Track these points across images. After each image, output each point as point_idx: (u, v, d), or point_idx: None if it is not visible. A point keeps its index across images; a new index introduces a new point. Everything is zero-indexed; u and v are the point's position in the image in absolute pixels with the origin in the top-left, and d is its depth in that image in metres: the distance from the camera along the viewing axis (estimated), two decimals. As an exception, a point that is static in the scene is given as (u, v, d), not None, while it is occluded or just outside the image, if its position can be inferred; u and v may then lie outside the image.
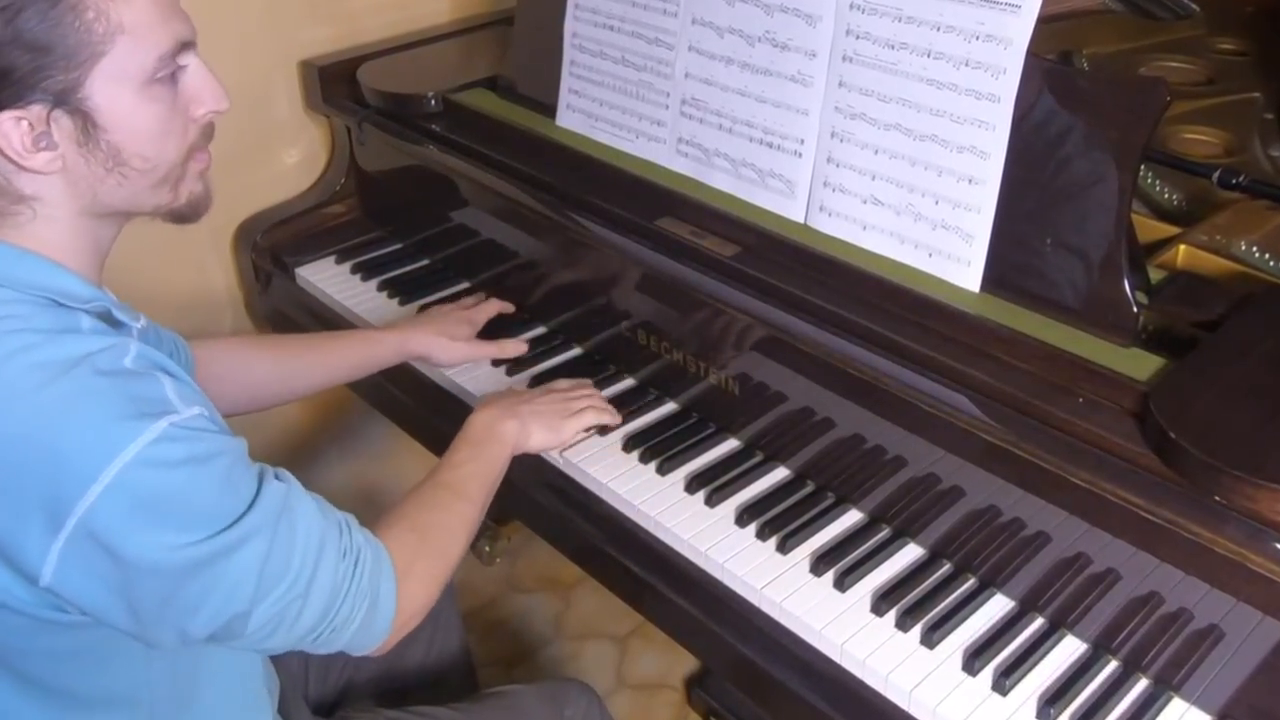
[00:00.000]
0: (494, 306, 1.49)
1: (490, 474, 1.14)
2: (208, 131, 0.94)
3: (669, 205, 1.32)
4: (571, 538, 1.27)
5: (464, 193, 1.53)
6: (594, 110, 1.46)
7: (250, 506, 0.85)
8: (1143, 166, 1.21)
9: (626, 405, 1.33)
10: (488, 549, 2.24)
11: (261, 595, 0.85)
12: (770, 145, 1.27)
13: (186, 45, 0.89)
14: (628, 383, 1.38)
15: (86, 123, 0.84)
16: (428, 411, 1.44)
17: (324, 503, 0.93)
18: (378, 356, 1.37)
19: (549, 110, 1.52)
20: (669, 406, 1.34)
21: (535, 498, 1.28)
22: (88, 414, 0.79)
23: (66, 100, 0.83)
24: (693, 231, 1.28)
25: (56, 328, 0.83)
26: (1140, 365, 1.00)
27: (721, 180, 1.33)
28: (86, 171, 0.86)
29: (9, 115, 0.82)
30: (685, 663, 1.97)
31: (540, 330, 1.49)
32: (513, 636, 2.09)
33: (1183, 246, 1.18)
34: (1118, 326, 1.03)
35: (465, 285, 1.60)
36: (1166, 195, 1.29)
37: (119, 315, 0.91)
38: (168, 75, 0.87)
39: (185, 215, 0.95)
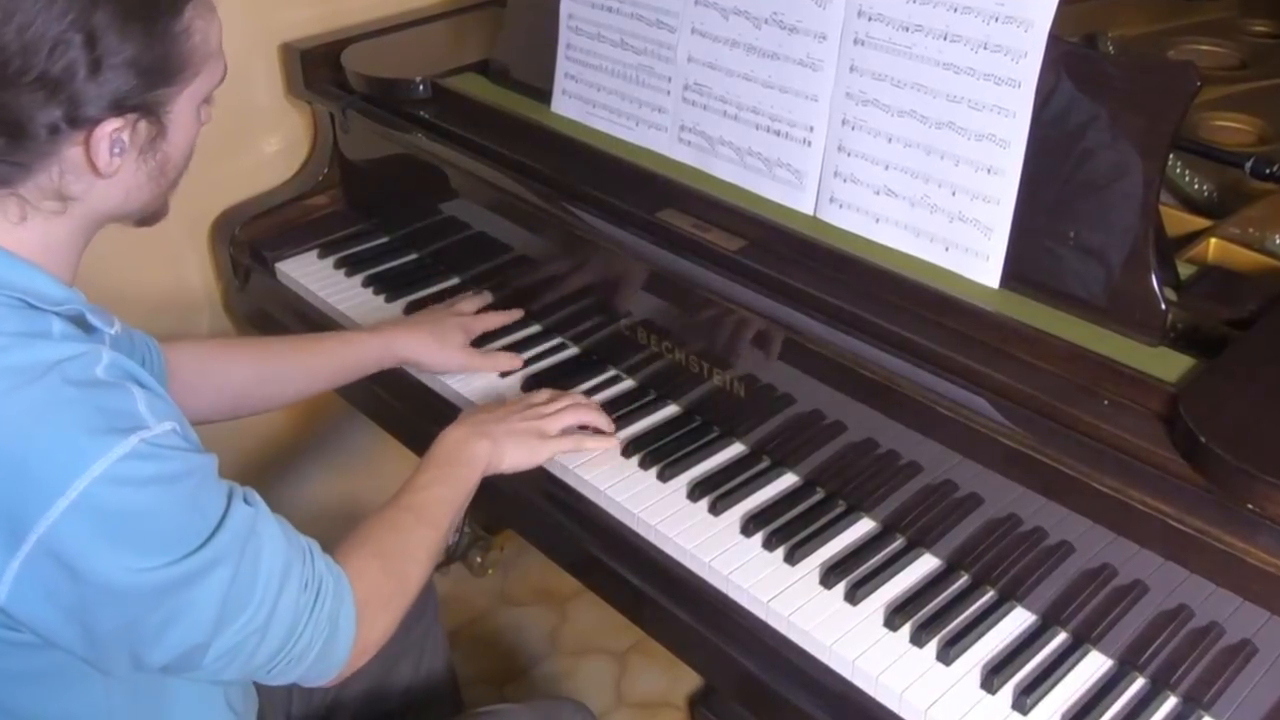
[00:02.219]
0: (496, 319, 1.47)
1: (457, 498, 1.13)
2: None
3: (670, 196, 1.32)
4: (567, 548, 1.27)
5: (454, 183, 1.53)
6: (591, 96, 1.46)
7: (216, 530, 0.85)
8: (1171, 155, 1.21)
9: (626, 407, 1.33)
10: (479, 560, 2.24)
11: (222, 626, 0.86)
12: (778, 133, 1.27)
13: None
14: (627, 384, 1.38)
15: (159, 135, 0.91)
16: (418, 417, 1.43)
17: (289, 528, 0.94)
18: (362, 360, 1.37)
19: (544, 96, 1.52)
20: (671, 409, 1.34)
21: (529, 505, 1.28)
22: (56, 425, 0.80)
23: (155, 111, 0.89)
24: (695, 224, 1.28)
25: (27, 331, 0.83)
26: (1169, 365, 1.00)
27: (726, 170, 1.33)
28: (131, 178, 0.91)
29: (114, 123, 0.86)
30: (688, 680, 1.97)
31: (535, 329, 1.49)
32: (504, 653, 2.09)
33: (1213, 240, 1.18)
34: (1145, 324, 1.03)
35: (455, 281, 1.60)
36: (1196, 186, 1.29)
37: (93, 320, 0.91)
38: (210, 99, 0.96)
39: (152, 220, 1.00)
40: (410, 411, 1.45)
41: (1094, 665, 1.03)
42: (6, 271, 0.86)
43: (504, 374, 1.41)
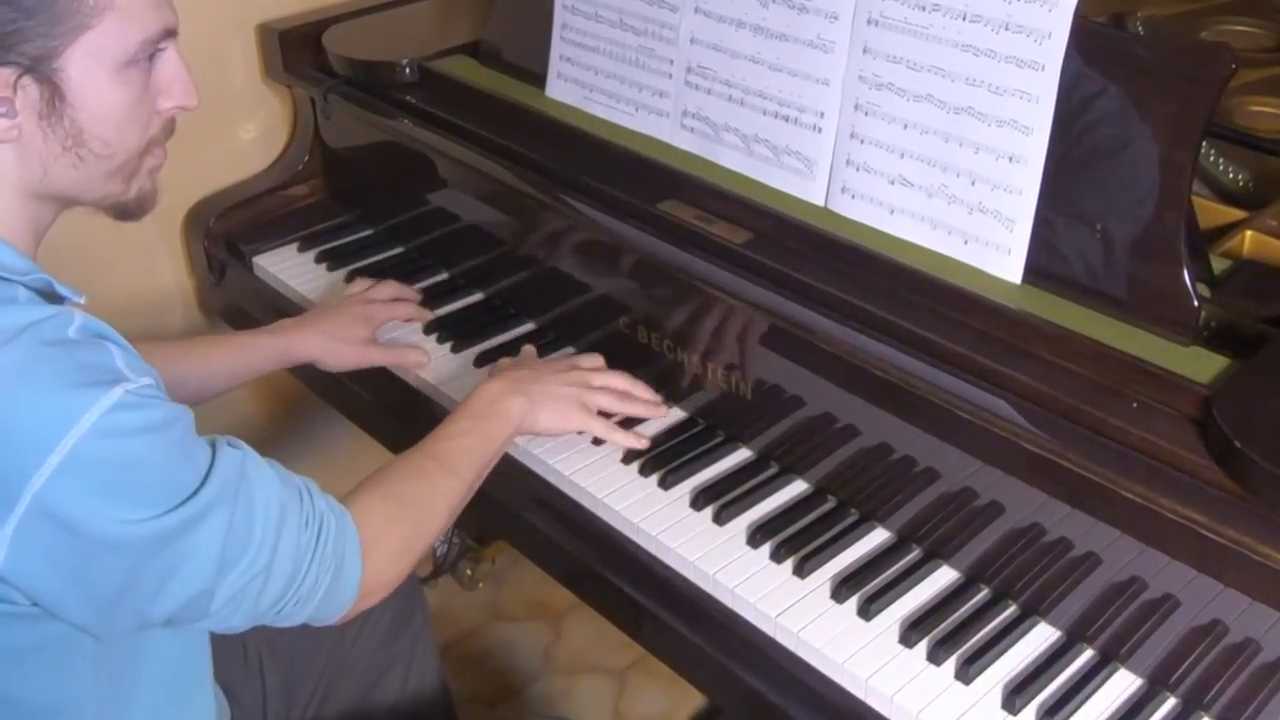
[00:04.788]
0: (405, 310, 1.48)
1: (485, 451, 1.16)
2: (169, 127, 0.99)
3: (673, 186, 1.32)
4: (563, 560, 1.27)
5: (442, 172, 1.53)
6: (588, 80, 1.46)
7: (207, 476, 0.88)
8: (1204, 143, 1.21)
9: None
10: (469, 572, 2.24)
11: (225, 570, 0.89)
12: (786, 119, 1.27)
13: (170, 33, 0.94)
14: (626, 385, 1.38)
15: (55, 95, 0.88)
16: (387, 411, 1.44)
17: (281, 469, 0.97)
18: (255, 363, 1.38)
19: (538, 80, 1.52)
20: (673, 413, 1.34)
21: (522, 515, 1.28)
22: (38, 384, 0.82)
23: (39, 68, 0.87)
24: (699, 216, 1.28)
25: None
26: (1202, 365, 1.00)
27: (732, 158, 1.33)
28: (41, 146, 0.90)
29: None
30: (690, 700, 1.97)
31: (529, 327, 1.49)
32: (496, 671, 2.09)
33: (1249, 232, 1.18)
34: (1176, 322, 1.03)
35: (444, 276, 1.60)
36: (1231, 175, 1.29)
37: (60, 290, 0.93)
38: (145, 60, 0.93)
39: (129, 212, 1.00)
40: (378, 404, 1.46)
41: (1122, 684, 1.03)
42: None
43: (479, 364, 1.40)
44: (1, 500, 0.81)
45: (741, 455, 1.28)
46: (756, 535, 1.17)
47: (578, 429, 1.25)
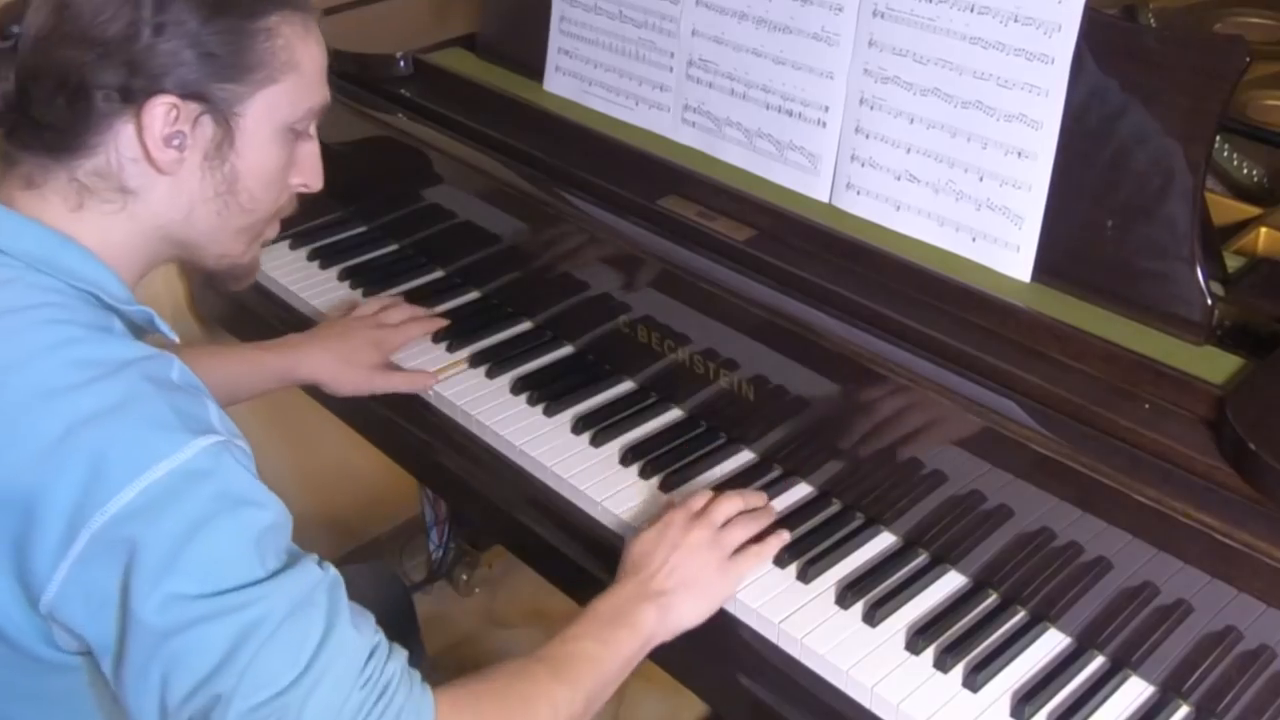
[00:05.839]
0: (417, 328, 1.46)
1: (609, 661, 1.02)
2: (292, 203, 1.07)
3: (674, 182, 1.32)
4: (560, 564, 1.27)
5: (438, 167, 1.53)
6: (587, 73, 1.46)
7: (271, 578, 0.84)
8: (1218, 137, 1.21)
9: (624, 411, 1.33)
10: (464, 578, 2.24)
11: (249, 686, 0.82)
12: (790, 113, 1.27)
13: (321, 113, 1.03)
14: (626, 386, 1.38)
15: (225, 139, 0.95)
16: (376, 399, 1.43)
17: (368, 617, 0.91)
18: (258, 382, 1.37)
19: (536, 73, 1.52)
20: (673, 413, 1.34)
21: (518, 518, 1.28)
22: (133, 418, 0.83)
23: (220, 109, 0.93)
24: (701, 212, 1.28)
25: (98, 325, 0.89)
26: (1215, 366, 1.00)
27: (734, 153, 1.33)
28: (195, 187, 0.95)
29: (168, 99, 0.90)
30: (692, 708, 1.97)
31: (526, 326, 1.49)
32: (493, 678, 2.08)
33: (1264, 230, 1.18)
34: (1190, 321, 1.03)
35: (439, 274, 1.60)
36: (1245, 171, 1.29)
37: (160, 325, 0.97)
38: (301, 132, 1.02)
39: (236, 276, 1.07)
40: (389, 411, 1.45)
41: (1134, 692, 1.03)
42: (76, 261, 0.91)
43: (491, 374, 1.41)
44: (70, 526, 0.81)
45: (744, 458, 1.28)
46: (759, 539, 1.17)
47: (731, 592, 1.11)
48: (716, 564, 1.10)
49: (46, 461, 0.82)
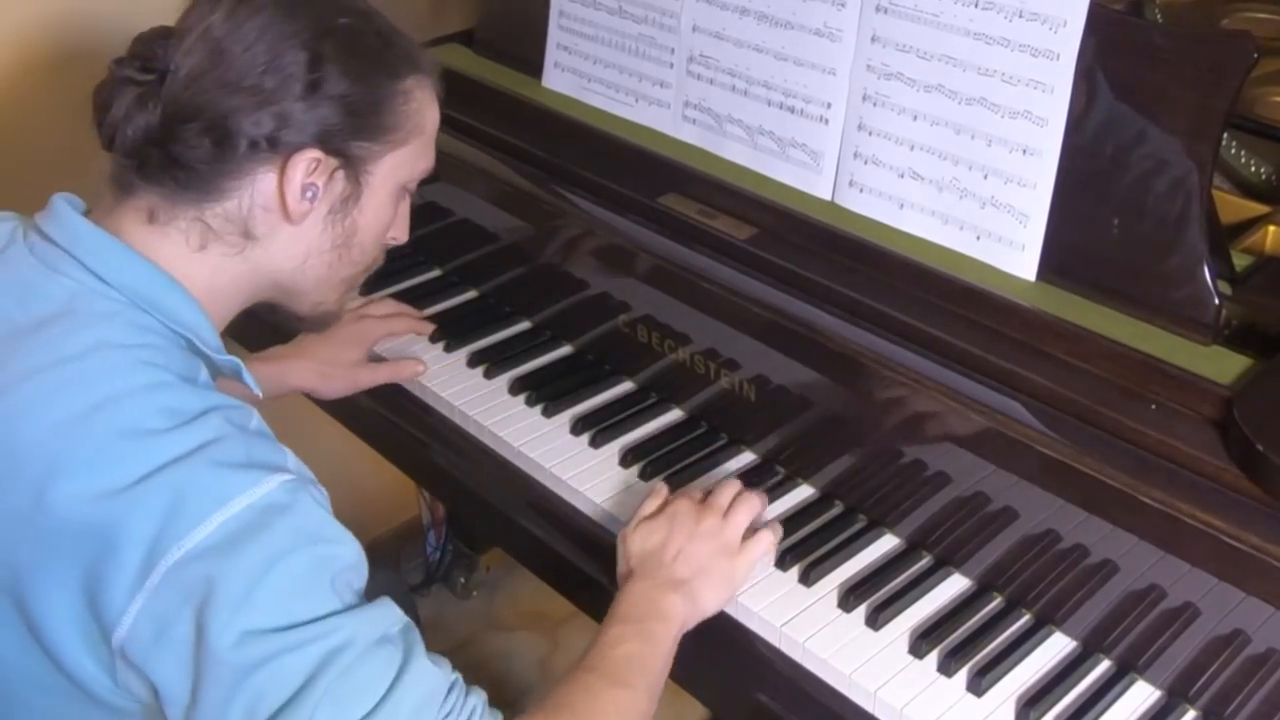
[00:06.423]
0: (402, 324, 1.47)
1: (653, 655, 1.03)
2: (382, 258, 1.10)
3: (674, 180, 1.32)
4: (560, 567, 1.27)
5: (435, 165, 1.52)
6: (586, 69, 1.46)
7: (346, 610, 0.84)
8: (1225, 134, 1.21)
9: (624, 412, 1.33)
10: (463, 580, 2.24)
11: (324, 715, 0.81)
12: (792, 110, 1.27)
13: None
14: (626, 386, 1.38)
15: (353, 195, 0.98)
16: (374, 398, 1.43)
17: (444, 659, 0.93)
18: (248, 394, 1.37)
19: (534, 69, 1.52)
20: (674, 414, 1.34)
21: (516, 520, 1.28)
22: (212, 458, 0.85)
23: (357, 167, 0.97)
24: (701, 210, 1.28)
25: (186, 373, 0.91)
26: (1223, 366, 1.00)
27: (735, 151, 1.33)
28: (316, 238, 0.98)
29: (314, 153, 0.94)
30: (693, 713, 1.97)
31: (524, 325, 1.49)
32: (491, 683, 2.08)
33: (1272, 228, 1.18)
34: (1196, 321, 1.03)
35: (436, 273, 1.60)
36: (1253, 168, 1.29)
37: (246, 378, 1.00)
38: (410, 192, 1.06)
39: (324, 321, 1.11)
40: (382, 408, 1.45)
41: (1141, 696, 1.03)
42: (179, 307, 0.93)
43: (489, 375, 1.41)
44: (142, 566, 0.81)
45: (745, 459, 1.28)
46: (761, 542, 1.17)
47: (746, 576, 1.13)
48: (728, 550, 1.11)
49: (127, 497, 0.83)
